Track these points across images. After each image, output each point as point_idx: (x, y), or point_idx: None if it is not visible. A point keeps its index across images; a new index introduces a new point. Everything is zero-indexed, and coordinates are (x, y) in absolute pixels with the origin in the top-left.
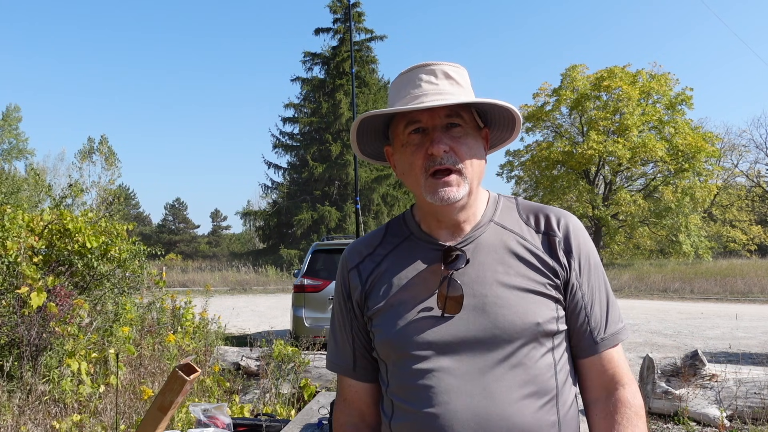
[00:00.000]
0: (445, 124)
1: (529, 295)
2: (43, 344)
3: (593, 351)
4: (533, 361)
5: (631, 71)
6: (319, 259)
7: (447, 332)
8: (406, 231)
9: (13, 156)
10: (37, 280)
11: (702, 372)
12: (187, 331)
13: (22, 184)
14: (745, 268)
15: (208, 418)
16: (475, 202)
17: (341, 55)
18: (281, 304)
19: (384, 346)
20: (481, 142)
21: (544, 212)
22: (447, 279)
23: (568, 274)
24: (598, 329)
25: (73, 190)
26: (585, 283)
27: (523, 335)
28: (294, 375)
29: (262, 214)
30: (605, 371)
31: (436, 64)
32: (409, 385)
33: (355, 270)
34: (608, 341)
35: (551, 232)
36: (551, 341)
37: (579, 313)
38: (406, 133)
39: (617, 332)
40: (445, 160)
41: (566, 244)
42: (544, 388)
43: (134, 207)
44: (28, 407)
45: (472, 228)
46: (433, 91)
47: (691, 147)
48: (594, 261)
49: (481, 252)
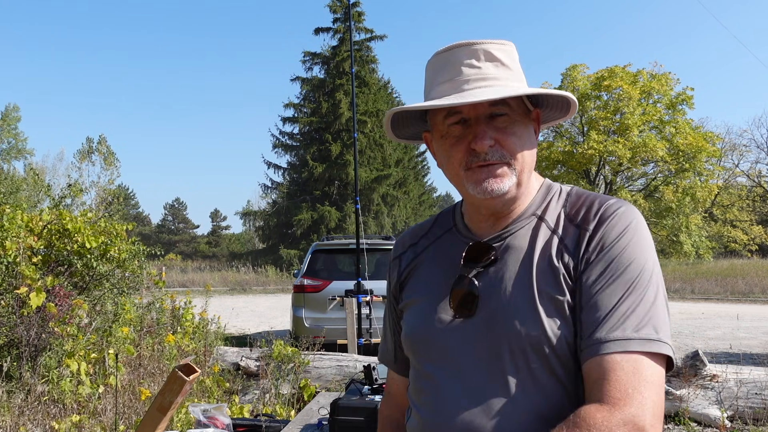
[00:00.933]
0: (489, 113)
1: (549, 306)
2: (42, 344)
3: (584, 355)
4: (543, 382)
5: (631, 71)
6: (319, 259)
7: (455, 337)
8: (450, 222)
9: (12, 156)
10: (36, 280)
11: (703, 372)
12: (187, 331)
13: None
14: (746, 269)
15: (207, 419)
16: (525, 193)
17: (341, 55)
18: (281, 304)
19: (405, 343)
20: (531, 126)
21: (590, 201)
22: (463, 278)
23: (580, 265)
24: (596, 326)
25: (73, 190)
26: (592, 273)
27: (532, 349)
28: (294, 375)
29: (262, 214)
30: (588, 378)
31: (478, 43)
32: (419, 388)
33: (397, 260)
34: (611, 345)
35: (584, 225)
36: (570, 361)
37: (579, 300)
38: (446, 124)
39: (632, 339)
40: (489, 156)
41: (592, 236)
42: (554, 410)
43: (134, 207)
44: (27, 407)
45: (512, 222)
46: (476, 77)
47: (691, 147)
48: (620, 254)
49: (509, 250)
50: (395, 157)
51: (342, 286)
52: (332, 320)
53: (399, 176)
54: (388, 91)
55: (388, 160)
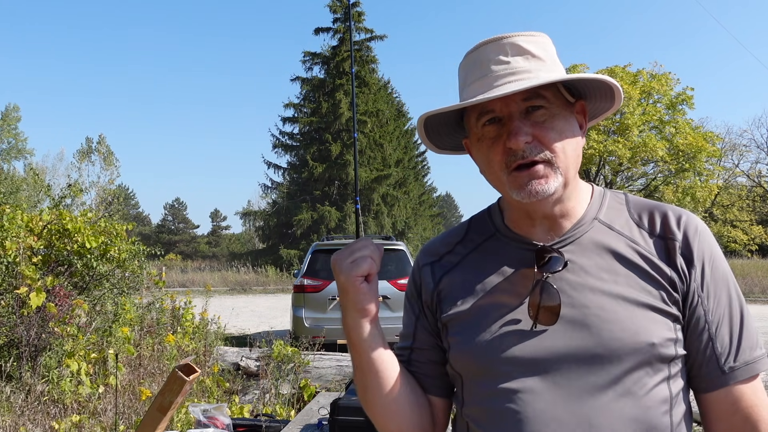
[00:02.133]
0: (524, 109)
1: (642, 310)
2: (42, 344)
3: (720, 383)
4: (644, 390)
5: (631, 71)
6: (319, 259)
7: (539, 348)
8: (491, 228)
9: (12, 156)
10: (36, 280)
11: None
12: (187, 331)
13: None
14: (746, 268)
15: (207, 419)
16: (574, 194)
17: (341, 55)
18: (281, 304)
19: (462, 359)
20: (573, 119)
21: (661, 210)
22: (540, 284)
23: (688, 285)
24: (725, 356)
25: (72, 190)
26: (709, 296)
27: (634, 357)
28: (294, 375)
29: (262, 214)
30: (736, 411)
31: (505, 37)
32: (490, 408)
33: (429, 267)
34: (740, 372)
35: (669, 234)
36: (667, 369)
37: (701, 333)
38: (480, 126)
39: (753, 361)
40: (528, 153)
41: (687, 249)
42: (656, 425)
43: (133, 207)
44: (27, 407)
45: (573, 226)
46: (504, 72)
47: (691, 147)
48: (722, 271)
49: (582, 254)
50: (395, 157)
51: None
52: (332, 320)
53: (399, 176)
54: (388, 91)
55: (388, 160)
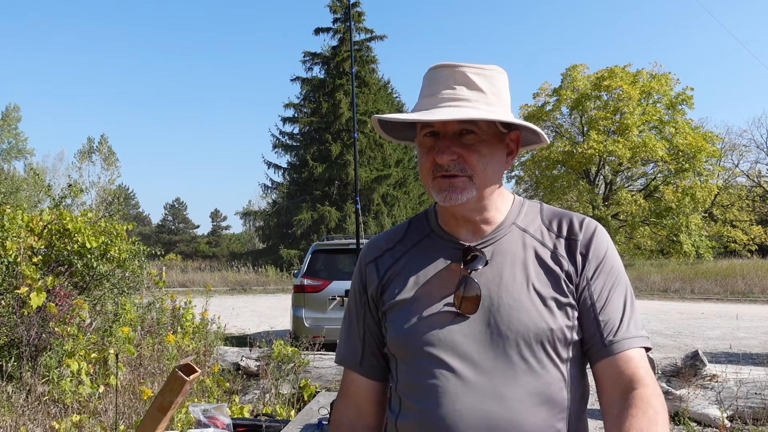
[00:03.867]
0: (459, 130)
1: (546, 300)
2: (43, 344)
3: (605, 353)
4: (545, 369)
5: (631, 71)
6: (319, 259)
7: (459, 332)
8: (427, 228)
9: (13, 156)
10: (36, 280)
11: (702, 372)
12: (187, 331)
13: (21, 184)
14: (745, 269)
15: (207, 419)
16: (493, 205)
17: (341, 55)
18: (281, 304)
19: (396, 342)
20: (500, 147)
21: (568, 217)
22: (465, 278)
23: (580, 275)
24: (609, 330)
25: (73, 190)
26: (596, 283)
27: (536, 340)
28: (294, 375)
29: (262, 214)
30: (621, 372)
31: (459, 66)
32: (417, 383)
33: (373, 264)
34: (618, 345)
35: (572, 236)
36: (566, 351)
37: (588, 312)
38: (422, 135)
39: (630, 337)
40: (451, 168)
41: (585, 247)
42: (555, 398)
43: (134, 207)
44: (27, 407)
45: (494, 229)
46: (449, 97)
47: (691, 147)
48: (613, 266)
49: (500, 254)
50: (395, 157)
51: (342, 286)
52: (332, 320)
53: (399, 176)
54: (388, 91)
55: (388, 160)
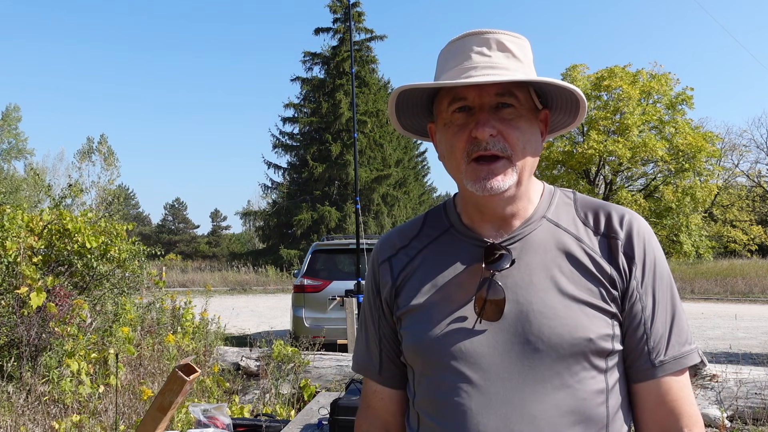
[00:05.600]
0: (495, 103)
1: (581, 306)
2: (43, 344)
3: (650, 375)
4: (581, 383)
5: (631, 71)
6: (319, 259)
7: (483, 342)
8: (446, 223)
9: (13, 156)
10: (36, 280)
11: (702, 372)
12: (187, 331)
13: (21, 184)
14: (745, 268)
15: (207, 419)
16: (526, 194)
17: (341, 55)
18: (281, 304)
19: (411, 352)
20: (537, 125)
21: (606, 210)
22: (488, 281)
23: (628, 282)
24: (657, 350)
25: (73, 190)
26: (647, 293)
27: (571, 352)
28: (294, 375)
29: (262, 214)
30: (663, 403)
31: (491, 32)
32: (436, 400)
33: (387, 263)
34: (669, 365)
35: (612, 233)
36: (604, 362)
37: (637, 328)
38: (450, 111)
39: (682, 356)
40: (491, 145)
41: (628, 248)
42: (592, 416)
43: (134, 207)
44: (27, 407)
45: (522, 224)
46: (485, 64)
47: (691, 147)
48: (660, 269)
49: (529, 252)
50: (395, 157)
51: (342, 286)
52: (332, 320)
53: (399, 176)
54: (388, 91)
55: (388, 160)
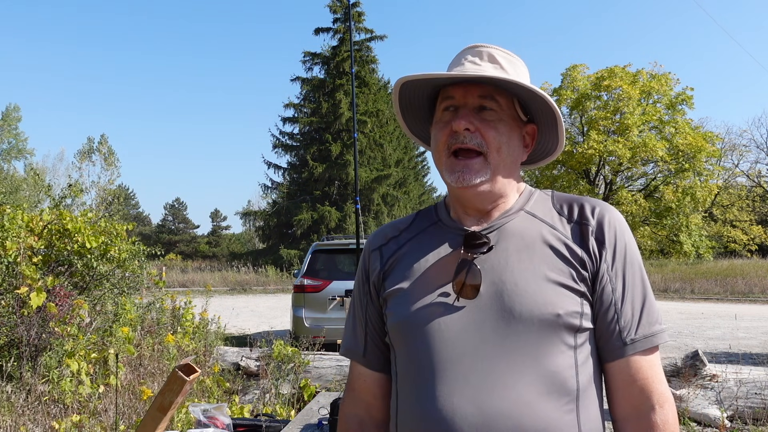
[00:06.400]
0: (478, 105)
1: (552, 285)
2: (43, 344)
3: (620, 354)
4: (551, 356)
5: (631, 71)
6: (319, 259)
7: (459, 320)
8: (435, 217)
9: (13, 156)
10: (36, 280)
11: (702, 372)
12: (187, 331)
13: (21, 184)
14: (745, 269)
15: (207, 419)
16: (505, 190)
17: (341, 55)
18: (281, 304)
19: (394, 330)
20: (518, 133)
21: (580, 202)
22: (467, 264)
23: (598, 265)
24: (628, 329)
25: (73, 190)
26: (618, 276)
27: (541, 325)
28: (294, 375)
29: (262, 214)
30: (634, 382)
31: (485, 47)
32: (415, 374)
33: (378, 251)
34: (639, 344)
35: (584, 220)
36: (573, 338)
37: (608, 309)
38: (440, 110)
39: (651, 335)
40: (468, 140)
41: (599, 233)
42: (563, 387)
43: (134, 207)
44: (27, 407)
45: (500, 215)
46: (472, 71)
47: (691, 147)
48: (631, 255)
49: (505, 239)
50: (395, 157)
51: (342, 286)
52: (332, 320)
53: (399, 176)
54: (388, 91)
55: (388, 160)
